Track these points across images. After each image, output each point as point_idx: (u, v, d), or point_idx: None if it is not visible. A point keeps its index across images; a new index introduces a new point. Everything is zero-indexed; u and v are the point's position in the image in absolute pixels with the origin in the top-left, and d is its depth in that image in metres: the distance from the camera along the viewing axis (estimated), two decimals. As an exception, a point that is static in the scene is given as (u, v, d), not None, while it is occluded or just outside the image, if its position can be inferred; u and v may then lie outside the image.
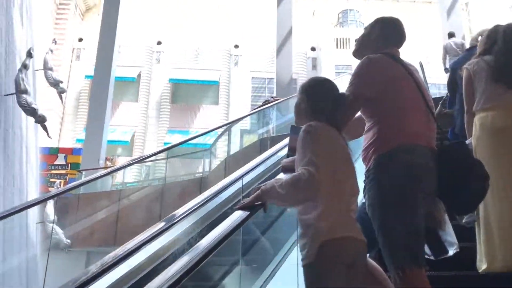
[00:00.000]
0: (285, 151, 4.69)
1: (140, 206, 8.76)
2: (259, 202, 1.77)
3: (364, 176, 2.04)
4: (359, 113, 2.14)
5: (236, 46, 25.84)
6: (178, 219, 4.39)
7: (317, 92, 1.92)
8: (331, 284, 1.58)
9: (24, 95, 5.30)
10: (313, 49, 25.96)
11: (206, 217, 4.15)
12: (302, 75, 24.36)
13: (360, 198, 1.96)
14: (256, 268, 3.32)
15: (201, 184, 8.69)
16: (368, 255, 1.82)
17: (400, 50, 2.29)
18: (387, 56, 2.14)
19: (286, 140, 4.85)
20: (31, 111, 5.37)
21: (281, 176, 2.13)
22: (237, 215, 1.88)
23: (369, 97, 2.05)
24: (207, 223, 4.02)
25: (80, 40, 25.25)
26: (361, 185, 1.95)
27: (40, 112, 5.56)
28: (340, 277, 1.58)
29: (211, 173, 9.04)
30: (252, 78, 25.28)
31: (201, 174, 10.84)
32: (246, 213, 1.87)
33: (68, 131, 23.40)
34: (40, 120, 5.52)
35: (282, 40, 12.94)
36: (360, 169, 2.06)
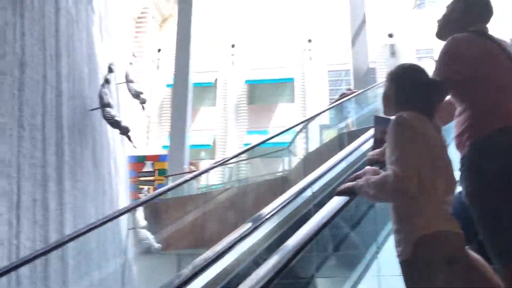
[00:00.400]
0: (367, 146, 4.42)
1: (225, 208, 8.87)
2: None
3: (458, 164, 1.87)
4: (448, 97, 1.96)
5: (309, 41, 25.52)
6: (264, 219, 4.35)
7: (407, 79, 1.75)
8: (430, 282, 1.48)
9: (107, 109, 5.53)
10: (390, 35, 24.88)
11: (289, 216, 4.07)
12: (380, 64, 23.46)
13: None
14: (347, 263, 3.16)
15: (283, 183, 8.59)
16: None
17: (488, 26, 2.02)
18: (475, 34, 1.92)
19: (367, 134, 4.58)
20: (115, 123, 5.60)
21: (368, 168, 2.00)
22: (336, 201, 1.78)
23: (459, 79, 1.87)
24: (292, 222, 3.94)
25: (159, 50, 26.36)
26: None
27: (123, 123, 5.78)
28: (440, 274, 1.47)
29: (291, 171, 8.91)
30: (328, 71, 24.80)
31: (282, 173, 10.73)
32: (346, 198, 1.78)
33: (154, 139, 24.53)
34: (124, 131, 5.75)
35: (356, 29, 12.50)
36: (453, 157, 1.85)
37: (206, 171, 7.93)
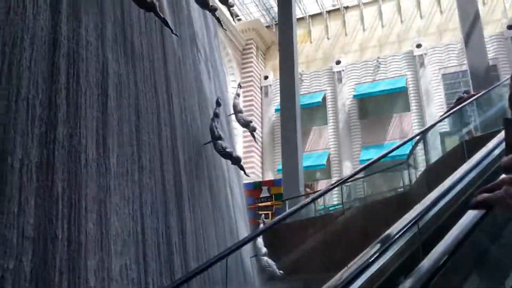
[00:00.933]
0: (497, 152, 3.93)
1: (347, 229, 8.58)
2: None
3: None
4: None
5: (419, 46, 24.23)
6: (392, 240, 4.08)
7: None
8: None
9: (219, 141, 5.70)
10: (510, 27, 22.61)
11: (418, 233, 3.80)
12: (502, 60, 21.41)
13: None
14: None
15: (404, 199, 8.07)
16: None
17: None
18: None
19: (496, 139, 4.07)
20: (227, 155, 5.75)
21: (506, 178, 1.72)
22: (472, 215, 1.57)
23: None
24: (423, 238, 3.67)
25: (266, 77, 27.10)
26: None
27: (235, 154, 5.91)
28: None
29: (413, 186, 8.33)
30: (443, 75, 23.24)
31: (402, 188, 10.10)
32: (482, 211, 1.62)
33: (268, 163, 25.00)
34: (236, 161, 5.87)
35: (468, 27, 11.51)
36: None
37: (325, 193, 7.74)
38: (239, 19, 27.69)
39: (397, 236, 3.84)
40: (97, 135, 3.94)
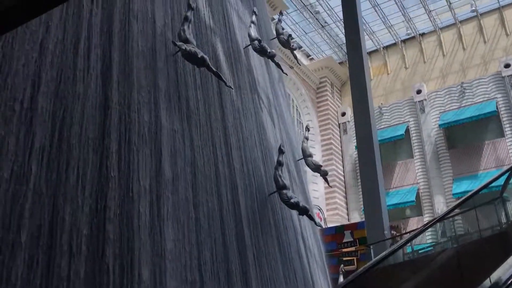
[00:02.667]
0: None
1: (441, 274, 7.74)
2: None
3: None
4: None
5: (507, 66, 22.44)
6: None
7: None
8: None
9: (284, 191, 5.43)
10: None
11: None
12: None
13: None
14: None
15: (504, 239, 7.12)
16: None
17: None
18: None
19: None
20: (292, 205, 5.43)
21: None
22: None
23: None
24: None
25: (343, 114, 26.54)
26: None
27: (302, 203, 5.57)
28: None
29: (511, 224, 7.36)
30: (539, 93, 21.21)
31: (499, 227, 8.99)
32: None
33: (354, 203, 24.01)
34: (302, 211, 5.53)
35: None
36: None
37: (416, 236, 7.10)
38: (311, 59, 27.74)
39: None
40: (151, 197, 3.85)
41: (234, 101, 5.83)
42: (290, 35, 8.64)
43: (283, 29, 8.82)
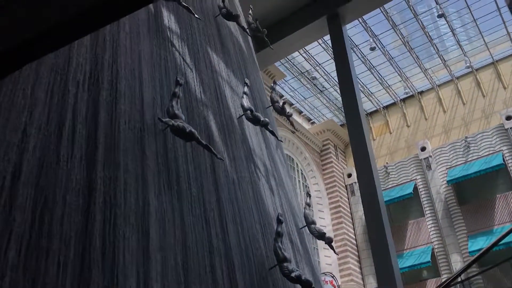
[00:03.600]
0: None
1: None
2: None
3: None
4: None
5: (509, 118, 22.48)
6: None
7: None
8: None
9: (284, 264, 5.16)
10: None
11: None
12: None
13: None
14: None
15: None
16: None
17: None
18: None
19: None
20: (294, 279, 5.13)
21: None
22: None
23: None
24: None
25: (349, 175, 26.33)
26: None
27: (304, 277, 5.27)
28: None
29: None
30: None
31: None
32: None
33: (368, 267, 23.15)
34: (306, 286, 5.21)
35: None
36: None
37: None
38: (313, 123, 28.01)
39: None
40: (137, 283, 3.62)
41: (229, 173, 5.72)
42: (284, 103, 8.70)
43: (282, 96, 8.91)
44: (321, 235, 7.39)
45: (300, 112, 27.57)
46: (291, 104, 26.67)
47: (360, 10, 16.36)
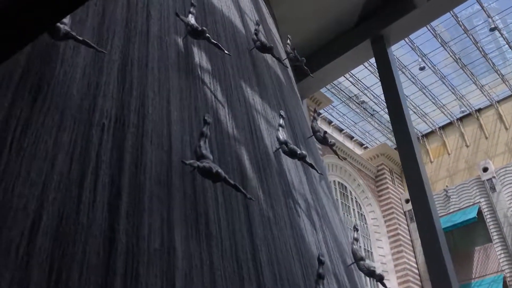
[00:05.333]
0: None
1: None
2: None
3: None
4: None
5: None
6: None
7: None
8: None
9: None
10: None
11: None
12: None
13: None
14: None
15: None
16: None
17: None
18: None
19: None
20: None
21: None
22: None
23: None
24: None
25: (407, 201, 25.14)
26: None
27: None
28: None
29: None
30: None
31: None
32: None
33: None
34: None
35: None
36: None
37: None
38: (365, 147, 27.24)
39: None
40: None
41: (264, 211, 5.47)
42: (325, 132, 8.42)
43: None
44: (371, 273, 6.93)
45: (351, 137, 26.93)
46: (341, 130, 26.14)
47: (405, 31, 15.87)
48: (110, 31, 5.47)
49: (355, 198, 23.61)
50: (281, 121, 6.93)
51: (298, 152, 6.31)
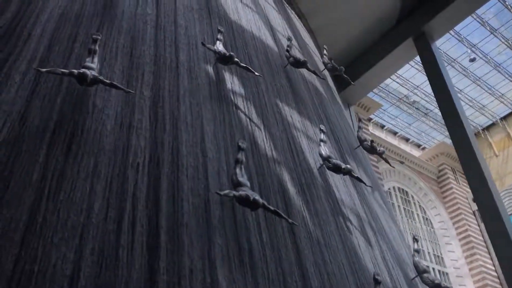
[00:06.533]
0: None
1: None
2: None
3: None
4: None
5: None
6: None
7: None
8: None
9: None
10: None
11: None
12: None
13: None
14: None
15: None
16: None
17: None
18: None
19: None
20: None
21: None
22: None
23: None
24: None
25: (475, 199, 23.78)
26: None
27: None
28: None
29: None
30: None
31: None
32: None
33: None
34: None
35: None
36: None
37: None
38: (423, 148, 26.18)
39: None
40: None
41: (312, 233, 5.25)
42: (372, 141, 8.08)
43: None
44: (436, 286, 6.46)
45: (407, 140, 25.97)
46: (395, 133, 25.28)
47: (448, 24, 15.18)
48: (139, 70, 5.55)
49: (418, 202, 22.59)
50: (322, 136, 6.71)
51: (343, 167, 6.05)
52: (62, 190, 3.85)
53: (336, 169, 6.12)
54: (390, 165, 8.50)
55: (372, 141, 8.08)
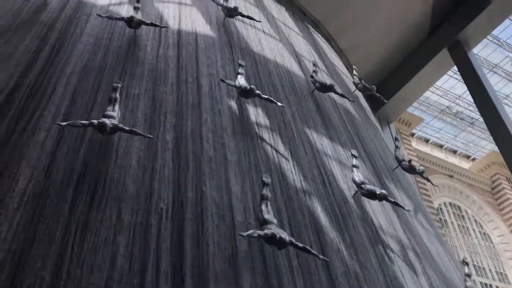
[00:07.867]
0: None
1: None
2: None
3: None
4: None
5: None
6: None
7: None
8: None
9: None
10: None
11: None
12: None
13: None
14: None
15: None
16: None
17: None
18: None
19: None
20: None
21: None
22: None
23: None
24: None
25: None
26: None
27: None
28: None
29: None
30: None
31: None
32: None
33: None
34: None
35: None
36: None
37: None
38: (473, 159, 25.04)
39: None
40: None
41: (348, 266, 4.98)
42: (410, 160, 7.74)
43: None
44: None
45: (454, 152, 24.93)
46: (441, 146, 24.35)
47: (484, 30, 14.62)
48: (162, 112, 5.58)
49: (473, 216, 21.42)
50: (354, 161, 6.47)
51: (378, 192, 5.77)
52: (85, 241, 3.85)
53: (371, 195, 5.85)
54: (433, 184, 8.09)
55: (410, 161, 7.74)
